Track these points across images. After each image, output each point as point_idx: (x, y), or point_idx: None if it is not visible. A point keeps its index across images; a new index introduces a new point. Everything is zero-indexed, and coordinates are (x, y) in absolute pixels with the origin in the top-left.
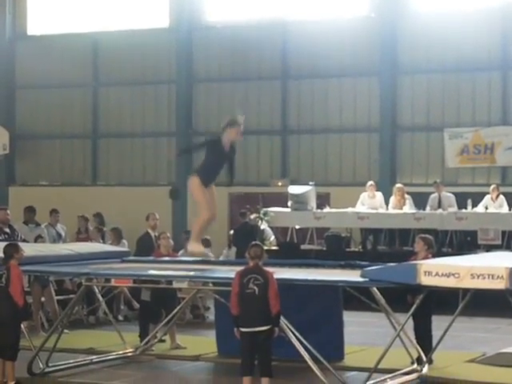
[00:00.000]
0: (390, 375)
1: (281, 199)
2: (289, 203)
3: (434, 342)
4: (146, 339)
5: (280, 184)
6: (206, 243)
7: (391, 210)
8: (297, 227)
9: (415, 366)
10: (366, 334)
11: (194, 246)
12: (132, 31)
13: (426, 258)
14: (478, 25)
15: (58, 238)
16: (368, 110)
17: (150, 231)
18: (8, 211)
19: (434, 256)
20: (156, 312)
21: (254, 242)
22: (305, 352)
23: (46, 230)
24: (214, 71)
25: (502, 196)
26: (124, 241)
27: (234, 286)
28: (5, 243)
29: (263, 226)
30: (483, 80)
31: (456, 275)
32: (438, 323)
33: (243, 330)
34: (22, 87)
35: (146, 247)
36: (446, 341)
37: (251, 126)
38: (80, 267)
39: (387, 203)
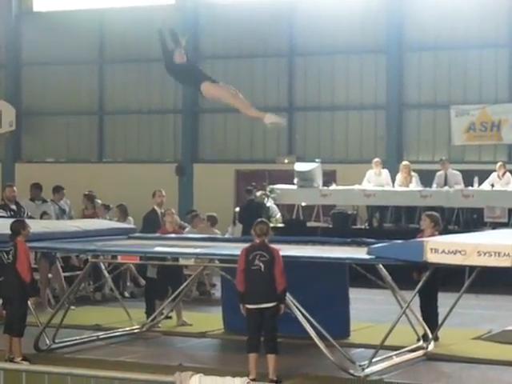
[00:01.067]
0: (395, 352)
1: (287, 176)
2: (295, 180)
3: (440, 319)
4: (153, 316)
5: (286, 161)
6: (213, 220)
7: (397, 188)
8: (303, 204)
9: (421, 343)
10: (372, 311)
11: (268, 117)
12: (138, 8)
13: (432, 235)
14: (485, 2)
15: (61, 214)
16: (375, 88)
17: (156, 208)
18: (14, 188)
19: (441, 233)
20: (162, 289)
21: (259, 219)
22: (311, 329)
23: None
24: (220, 48)
25: (508, 173)
26: (130, 218)
27: (240, 262)
28: (11, 220)
29: (269, 203)
30: (490, 57)
31: (462, 252)
32: (444, 300)
33: (249, 306)
34: (28, 64)
35: (152, 224)
36: (452, 318)
37: (258, 104)
38: (86, 244)
39: (393, 180)
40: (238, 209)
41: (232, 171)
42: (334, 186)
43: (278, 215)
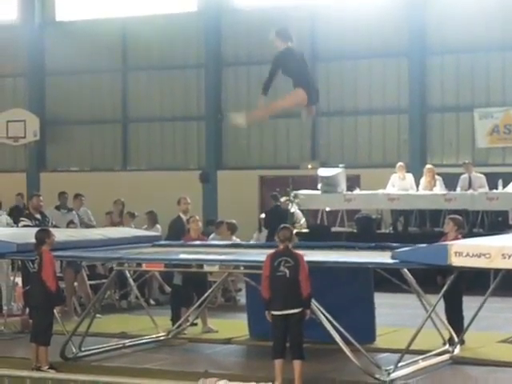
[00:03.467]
0: (421, 356)
1: (311, 182)
2: (319, 186)
3: (466, 323)
4: (178, 323)
5: (310, 167)
6: (232, 228)
7: (421, 191)
8: (327, 209)
9: (447, 346)
10: (398, 316)
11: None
12: (160, 16)
13: (456, 238)
14: (508, 3)
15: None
16: (397, 91)
17: (181, 215)
18: (41, 197)
19: (465, 237)
20: (188, 296)
21: (282, 225)
22: (336, 334)
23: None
24: (243, 55)
25: None
26: (158, 225)
27: (265, 268)
28: (36, 229)
29: (293, 208)
30: None
31: (487, 255)
32: (470, 304)
33: (274, 313)
34: (51, 74)
35: (178, 231)
36: (478, 321)
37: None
38: (111, 252)
39: (417, 184)
40: (263, 215)
41: (256, 177)
42: (357, 191)
43: (303, 221)
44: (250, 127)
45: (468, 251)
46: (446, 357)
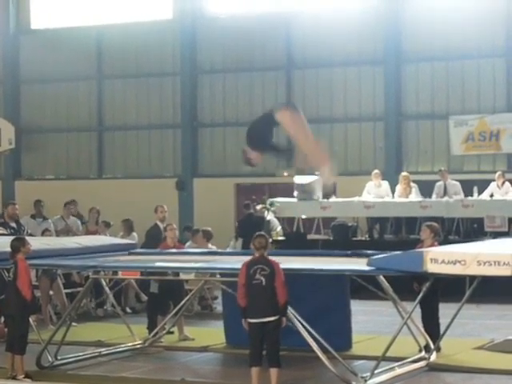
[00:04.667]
0: (398, 363)
1: (287, 189)
2: (295, 193)
3: (442, 330)
4: (155, 331)
5: (286, 174)
6: (208, 235)
7: (397, 199)
8: (303, 217)
9: (423, 353)
10: (374, 323)
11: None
12: (136, 23)
13: (432, 245)
14: (482, 12)
15: (66, 231)
16: (373, 99)
17: (158, 223)
18: (16, 206)
19: (441, 244)
20: (164, 304)
21: (258, 233)
22: (313, 341)
23: (56, 223)
24: (219, 62)
25: (507, 183)
26: (134, 233)
27: (241, 277)
28: (11, 237)
29: (270, 216)
30: (487, 67)
31: (462, 262)
32: (446, 311)
33: (251, 320)
34: (26, 81)
35: (155, 239)
36: (454, 328)
37: (256, 116)
38: (87, 260)
39: (393, 191)
40: (237, 224)
41: (232, 185)
42: (333, 199)
43: (279, 228)
44: (226, 135)
45: (443, 258)
46: (422, 364)
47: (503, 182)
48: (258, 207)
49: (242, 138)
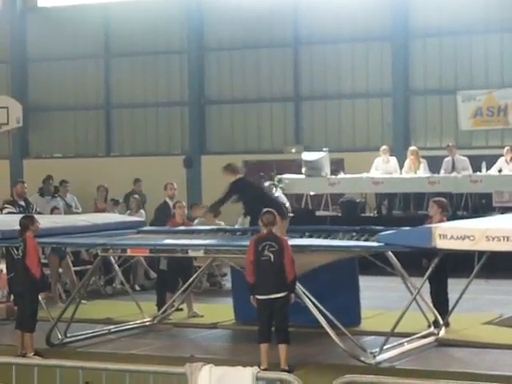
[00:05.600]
0: (407, 339)
1: (295, 166)
2: (303, 170)
3: (451, 305)
4: (164, 308)
5: (294, 151)
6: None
7: (405, 175)
8: (311, 194)
9: (432, 329)
10: (383, 299)
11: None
12: (143, 1)
13: (440, 221)
14: None
15: (68, 209)
16: (380, 75)
17: (168, 200)
18: (25, 184)
19: (449, 219)
20: (172, 281)
21: (265, 209)
22: (321, 318)
23: None
24: (225, 40)
25: None
26: (142, 211)
27: (250, 254)
28: (20, 216)
29: (278, 193)
30: (495, 42)
31: (471, 238)
32: (454, 286)
33: (259, 297)
34: (33, 60)
35: (164, 216)
36: (463, 303)
37: (264, 94)
38: (96, 238)
39: (401, 167)
40: None
41: (240, 162)
42: (341, 175)
43: (287, 205)
44: (233, 112)
45: (452, 234)
46: (431, 339)
47: None
48: (266, 184)
49: (250, 114)
